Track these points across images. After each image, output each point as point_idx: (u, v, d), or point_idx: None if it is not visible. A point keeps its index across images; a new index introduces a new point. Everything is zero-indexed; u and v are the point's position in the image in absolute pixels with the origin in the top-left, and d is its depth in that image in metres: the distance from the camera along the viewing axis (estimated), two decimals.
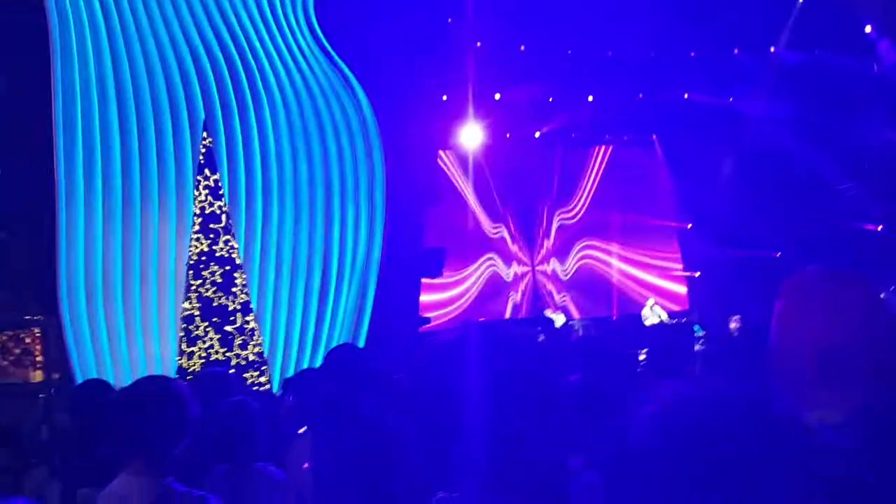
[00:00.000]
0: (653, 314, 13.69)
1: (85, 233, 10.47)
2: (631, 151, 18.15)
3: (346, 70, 11.90)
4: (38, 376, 12.42)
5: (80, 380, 9.82)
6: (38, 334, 12.70)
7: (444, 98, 15.32)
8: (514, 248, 17.44)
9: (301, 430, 3.67)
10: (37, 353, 13.89)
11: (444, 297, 16.39)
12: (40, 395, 9.47)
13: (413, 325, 12.68)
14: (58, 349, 10.56)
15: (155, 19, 11.01)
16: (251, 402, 3.00)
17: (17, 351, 12.39)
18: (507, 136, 16.82)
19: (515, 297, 17.20)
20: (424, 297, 15.09)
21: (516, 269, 17.40)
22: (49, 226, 10.27)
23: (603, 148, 18.14)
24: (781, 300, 1.59)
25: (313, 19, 11.84)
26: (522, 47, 15.08)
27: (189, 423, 2.14)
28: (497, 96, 15.96)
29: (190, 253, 10.46)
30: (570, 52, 15.63)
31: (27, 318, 10.60)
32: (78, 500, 2.95)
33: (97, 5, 10.75)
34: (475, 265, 17.02)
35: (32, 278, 10.09)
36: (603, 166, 18.17)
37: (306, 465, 2.93)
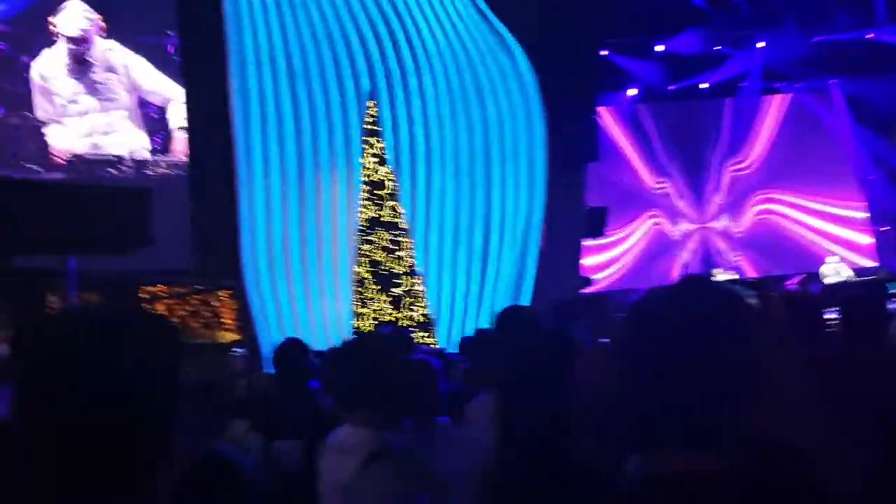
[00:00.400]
0: (834, 272, 12.77)
1: (264, 200, 11.10)
2: (807, 99, 16.93)
3: (504, 30, 11.82)
4: (224, 337, 13.38)
5: (263, 341, 10.51)
6: (225, 298, 13.66)
7: (604, 53, 14.91)
8: (680, 204, 16.78)
9: (478, 390, 3.72)
10: (224, 315, 14.95)
11: (606, 257, 16.08)
12: (232, 353, 10.20)
13: (574, 287, 12.53)
14: (244, 312, 11.31)
15: None
16: (433, 359, 3.07)
17: (207, 314, 13.40)
18: (670, 88, 16.15)
19: (684, 256, 16.58)
20: (586, 259, 14.88)
21: (684, 226, 16.74)
22: (232, 194, 10.97)
23: (779, 96, 17.01)
24: None
25: None
26: None
27: (415, 378, 2.18)
28: (660, 48, 15.32)
29: (359, 219, 10.85)
30: None
31: (214, 283, 11.39)
32: (273, 452, 3.15)
33: None
34: (636, 223, 16.54)
35: (221, 245, 10.82)
36: (779, 115, 17.06)
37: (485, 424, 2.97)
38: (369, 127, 11.03)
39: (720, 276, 13.28)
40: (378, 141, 10.95)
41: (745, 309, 1.13)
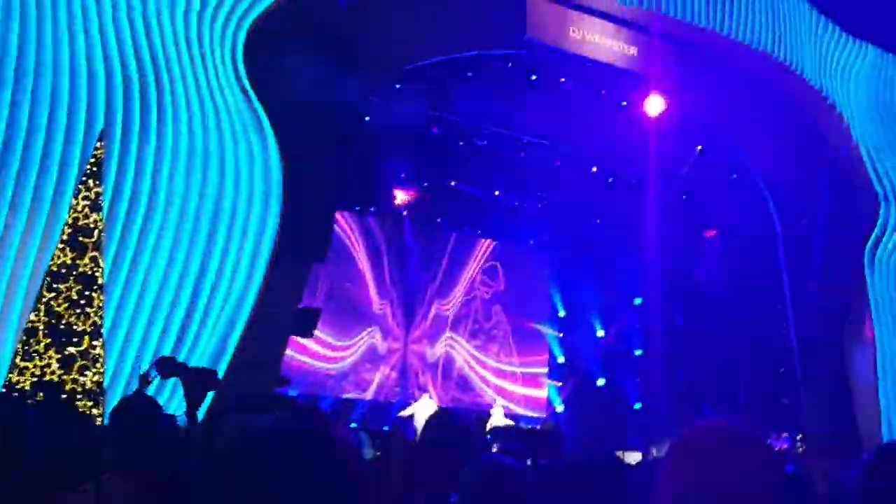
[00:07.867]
0: (498, 417, 12.98)
1: None
2: (511, 248, 17.92)
3: (262, 113, 11.06)
4: None
5: None
6: None
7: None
8: (392, 323, 16.67)
9: None
10: None
11: (317, 362, 15.43)
12: None
13: (269, 382, 11.39)
14: None
15: (75, 20, 9.95)
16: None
17: None
18: (404, 213, 16.35)
19: (385, 370, 16.35)
20: (294, 357, 14.09)
21: (391, 343, 16.59)
22: None
23: (486, 242, 17.76)
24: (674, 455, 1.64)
25: (239, 56, 11.01)
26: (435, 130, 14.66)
27: None
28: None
29: (51, 263, 9.16)
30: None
31: None
32: None
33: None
34: (359, 336, 16.16)
35: None
36: (482, 261, 17.76)
37: None
38: (91, 168, 9.57)
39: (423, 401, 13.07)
40: (96, 184, 9.50)
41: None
